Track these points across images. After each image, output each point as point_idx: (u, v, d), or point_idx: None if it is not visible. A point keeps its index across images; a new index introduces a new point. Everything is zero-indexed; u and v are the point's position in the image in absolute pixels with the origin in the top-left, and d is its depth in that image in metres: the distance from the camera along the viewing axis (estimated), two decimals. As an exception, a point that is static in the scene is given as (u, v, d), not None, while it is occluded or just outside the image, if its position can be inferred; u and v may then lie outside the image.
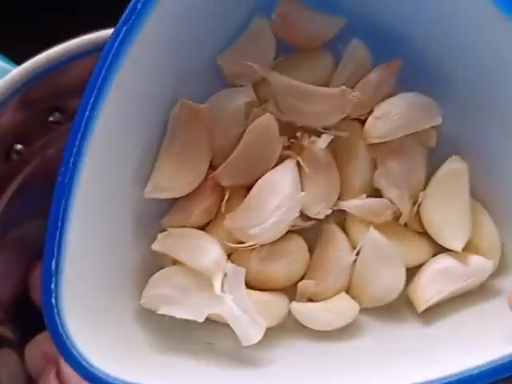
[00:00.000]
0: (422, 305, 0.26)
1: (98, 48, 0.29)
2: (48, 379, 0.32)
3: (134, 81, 0.24)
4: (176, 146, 0.26)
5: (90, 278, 0.24)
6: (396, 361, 0.24)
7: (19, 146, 0.33)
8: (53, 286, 0.22)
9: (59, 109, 0.32)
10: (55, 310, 0.22)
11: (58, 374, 0.32)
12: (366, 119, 0.27)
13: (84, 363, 0.22)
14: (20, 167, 0.33)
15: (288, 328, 0.26)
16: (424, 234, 0.27)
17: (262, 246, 0.26)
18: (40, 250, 0.35)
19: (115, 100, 0.23)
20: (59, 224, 0.22)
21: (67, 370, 0.31)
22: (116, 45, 0.23)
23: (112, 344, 0.23)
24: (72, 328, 0.22)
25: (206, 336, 0.25)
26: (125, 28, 0.23)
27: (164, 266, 0.26)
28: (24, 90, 0.30)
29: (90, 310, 0.23)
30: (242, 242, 0.26)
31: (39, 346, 0.34)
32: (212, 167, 0.27)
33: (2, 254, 0.34)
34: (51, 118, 0.33)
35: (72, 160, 0.22)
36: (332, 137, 0.26)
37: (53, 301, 0.22)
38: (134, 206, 0.26)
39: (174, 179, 0.26)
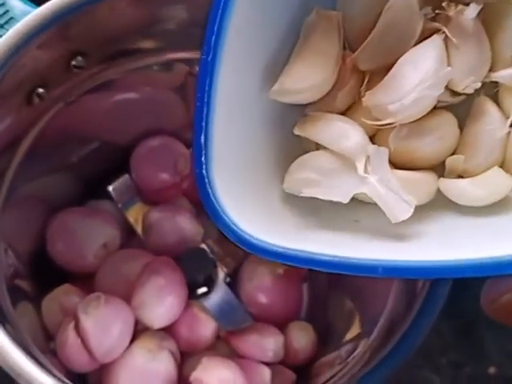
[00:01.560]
0: None
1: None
2: (66, 331, 0.31)
3: None
4: (307, 52, 0.26)
5: (237, 155, 0.25)
6: None
7: (41, 90, 0.31)
8: (203, 158, 0.24)
9: (82, 53, 0.32)
10: (206, 180, 0.24)
11: (77, 327, 0.31)
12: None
13: (233, 226, 0.23)
14: (41, 113, 0.32)
15: (436, 204, 0.25)
16: None
17: (403, 125, 0.25)
18: (55, 205, 0.36)
19: None
20: (205, 100, 0.24)
21: (86, 324, 0.31)
22: None
23: (259, 216, 0.25)
24: (221, 196, 0.23)
25: (352, 214, 0.26)
26: None
27: (308, 150, 0.27)
28: (46, 31, 0.29)
29: (237, 183, 0.25)
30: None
31: (57, 299, 0.34)
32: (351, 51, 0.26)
33: (19, 209, 0.34)
34: (74, 62, 0.32)
35: (214, 38, 0.23)
36: (481, 6, 0.24)
37: (203, 172, 0.24)
38: None
39: (300, 84, 0.26)
